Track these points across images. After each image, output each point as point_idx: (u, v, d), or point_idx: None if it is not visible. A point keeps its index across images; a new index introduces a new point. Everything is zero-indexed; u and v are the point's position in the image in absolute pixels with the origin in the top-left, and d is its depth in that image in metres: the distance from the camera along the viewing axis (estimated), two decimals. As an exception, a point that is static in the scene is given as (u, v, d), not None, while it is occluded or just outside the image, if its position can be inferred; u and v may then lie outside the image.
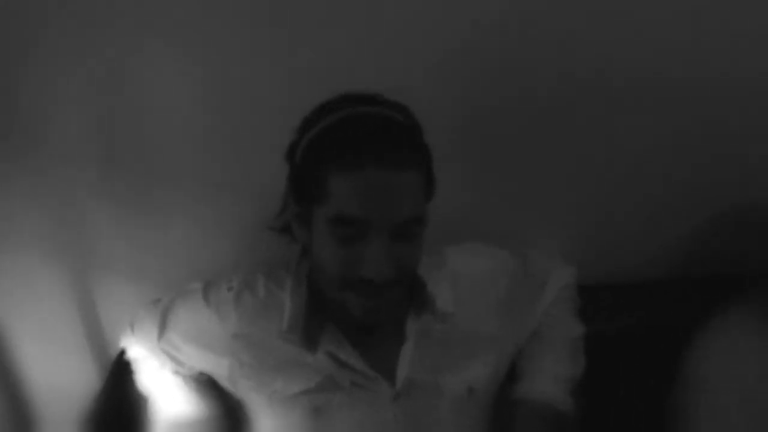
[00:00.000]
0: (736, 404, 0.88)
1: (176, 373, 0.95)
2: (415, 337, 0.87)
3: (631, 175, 1.15)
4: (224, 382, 0.92)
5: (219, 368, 0.90)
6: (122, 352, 1.00)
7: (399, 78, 0.94)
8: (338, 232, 0.76)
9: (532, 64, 1.04)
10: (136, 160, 1.05)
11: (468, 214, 1.12)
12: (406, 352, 0.87)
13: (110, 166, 1.05)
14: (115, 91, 1.00)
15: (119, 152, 1.04)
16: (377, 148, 0.74)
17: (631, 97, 1.08)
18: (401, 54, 1.01)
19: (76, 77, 0.99)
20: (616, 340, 1.09)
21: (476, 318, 0.91)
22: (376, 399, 0.86)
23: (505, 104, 1.07)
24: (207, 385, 0.95)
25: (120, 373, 1.00)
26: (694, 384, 0.92)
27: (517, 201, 1.15)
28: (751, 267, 1.08)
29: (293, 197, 0.82)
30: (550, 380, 0.94)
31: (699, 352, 0.93)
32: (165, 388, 0.94)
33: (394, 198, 0.75)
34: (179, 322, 0.92)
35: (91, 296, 1.12)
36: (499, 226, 1.11)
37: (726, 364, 0.90)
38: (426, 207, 0.80)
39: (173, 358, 0.93)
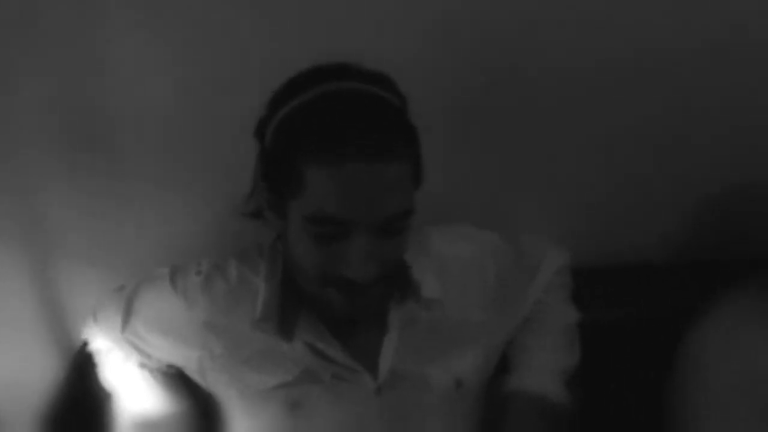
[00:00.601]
0: (737, 390, 0.85)
1: (142, 366, 0.88)
2: (399, 326, 0.81)
3: (628, 156, 1.12)
4: (194, 376, 0.85)
5: (188, 360, 0.84)
6: (84, 344, 0.93)
7: (387, 52, 0.87)
8: (316, 231, 0.68)
9: (528, 40, 1.00)
10: (100, 147, 1.00)
11: (458, 195, 1.08)
12: (390, 343, 0.81)
13: (74, 153, 1.00)
14: (79, 79, 0.95)
15: (83, 139, 0.99)
16: (359, 136, 0.65)
17: (629, 78, 1.05)
18: (391, 26, 0.96)
19: (42, 64, 0.94)
20: (613, 328, 1.05)
21: (464, 305, 0.85)
22: (357, 392, 0.80)
23: (497, 82, 1.03)
24: (175, 378, 0.88)
25: (82, 366, 0.93)
26: (694, 370, 0.89)
27: (510, 182, 1.12)
28: (751, 252, 1.05)
29: (265, 183, 0.74)
30: (544, 371, 0.88)
31: (698, 338, 0.91)
32: (130, 383, 0.88)
33: (379, 195, 0.67)
34: (145, 309, 0.85)
35: (54, 286, 1.05)
36: (490, 208, 1.07)
37: (726, 350, 0.88)
38: (414, 197, 0.72)
39: (139, 350, 0.86)
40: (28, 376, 0.98)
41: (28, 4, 0.90)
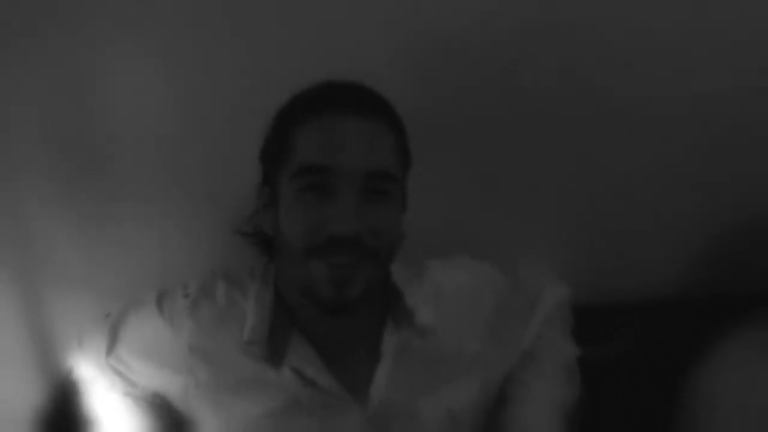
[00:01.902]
0: (748, 425, 0.83)
1: (126, 394, 0.85)
2: (393, 354, 0.79)
3: (629, 191, 1.11)
4: (178, 404, 0.83)
5: (172, 387, 0.81)
6: (69, 372, 0.90)
7: (379, 78, 0.87)
8: (302, 187, 0.69)
9: (525, 64, 1.01)
10: (93, 170, 1.00)
11: (456, 227, 1.07)
12: (382, 371, 0.78)
13: (67, 176, 1.00)
14: (74, 100, 0.96)
15: (75, 162, 0.99)
16: (344, 96, 0.71)
17: (630, 110, 1.05)
18: (381, 50, 0.97)
19: (36, 85, 0.95)
20: (613, 364, 1.03)
21: (460, 336, 0.83)
22: (347, 424, 0.77)
23: (495, 109, 1.03)
24: (161, 408, 0.85)
25: (66, 393, 0.90)
26: (702, 407, 0.87)
27: (509, 216, 1.11)
28: (754, 287, 1.04)
29: (262, 178, 0.76)
30: (543, 406, 0.85)
31: (706, 374, 0.89)
32: (114, 412, 0.85)
33: (361, 143, 0.69)
34: (130, 335, 0.83)
35: (43, 311, 1.03)
36: (489, 242, 1.05)
37: (735, 386, 0.86)
38: (401, 170, 0.75)
39: (123, 377, 0.84)
40: (17, 405, 0.96)
41: (23, 25, 0.91)
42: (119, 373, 0.84)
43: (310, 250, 0.70)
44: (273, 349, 0.76)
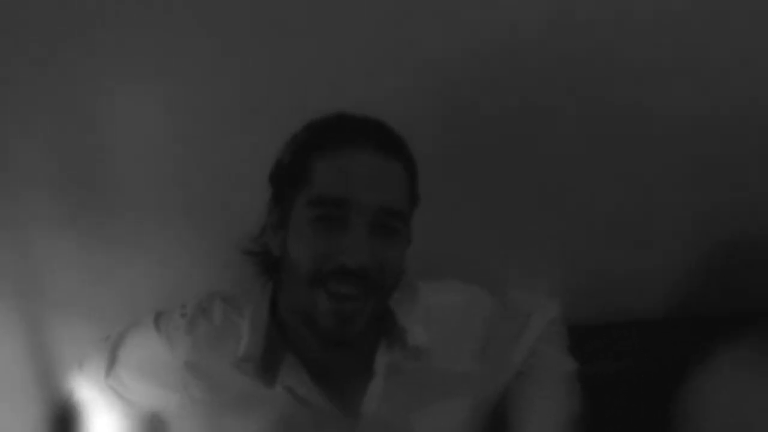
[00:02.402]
0: None
1: (126, 416, 0.86)
2: (385, 372, 0.80)
3: (621, 211, 1.12)
4: (175, 424, 0.84)
5: (168, 406, 0.83)
6: (69, 396, 0.92)
7: (377, 103, 0.90)
8: (318, 216, 0.72)
9: (516, 90, 1.03)
10: (95, 193, 1.01)
11: (451, 249, 1.08)
12: (375, 389, 0.79)
13: (69, 199, 1.01)
14: (76, 127, 0.98)
15: (76, 180, 1.00)
16: (364, 133, 0.74)
17: (622, 131, 1.07)
18: (381, 77, 1.00)
19: (36, 107, 0.96)
20: (608, 384, 1.04)
21: (451, 356, 0.85)
22: None
23: (487, 133, 1.05)
24: (159, 430, 0.86)
25: (66, 417, 0.91)
26: (691, 421, 0.89)
27: (505, 237, 1.12)
28: (746, 307, 1.05)
29: (273, 198, 0.79)
30: (546, 420, 0.87)
31: (694, 390, 0.91)
32: None
33: (377, 180, 0.73)
34: (128, 355, 0.85)
35: (44, 335, 1.04)
36: (481, 264, 1.06)
37: (722, 400, 0.88)
38: (410, 210, 0.78)
39: (121, 397, 0.86)
40: (14, 427, 0.97)
41: (28, 55, 0.94)
42: (118, 394, 0.85)
43: (317, 278, 0.72)
44: (266, 368, 0.78)
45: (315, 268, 0.72)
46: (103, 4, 0.92)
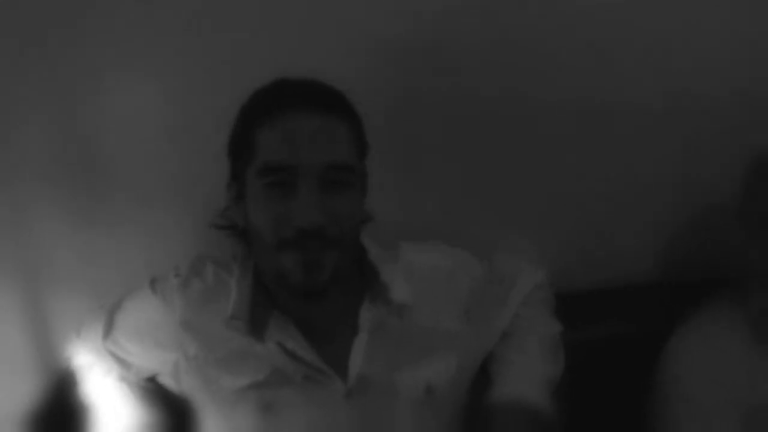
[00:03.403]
0: (714, 395, 0.87)
1: (122, 379, 0.90)
2: (369, 328, 0.83)
3: (609, 177, 1.14)
4: (170, 382, 0.87)
5: (164, 365, 0.86)
6: (68, 363, 0.95)
7: (359, 71, 0.95)
8: (267, 184, 0.74)
9: (502, 55, 1.05)
10: (88, 171, 1.04)
11: (438, 219, 1.10)
12: (359, 345, 0.82)
13: (64, 178, 1.04)
14: (69, 103, 1.00)
15: (72, 163, 1.04)
16: (300, 96, 0.75)
17: (611, 106, 1.09)
18: (362, 45, 1.02)
19: (31, 90, 0.99)
20: (596, 348, 1.04)
21: (435, 314, 0.87)
22: (328, 396, 0.81)
23: (474, 98, 1.06)
24: (154, 392, 0.89)
25: (64, 384, 0.94)
26: (672, 380, 0.91)
27: (489, 203, 1.14)
28: (719, 272, 1.04)
29: (230, 174, 0.81)
30: (528, 381, 0.87)
31: (675, 350, 0.93)
32: (109, 396, 0.89)
33: (318, 140, 0.74)
34: (125, 318, 0.88)
35: (42, 310, 1.07)
36: (468, 232, 1.08)
37: (701, 359, 0.90)
38: (359, 161, 0.79)
39: (119, 360, 0.89)
40: (17, 405, 0.98)
41: (27, 43, 0.97)
42: (115, 357, 0.89)
43: (280, 243, 0.75)
44: (255, 324, 0.81)
45: (276, 235, 0.75)
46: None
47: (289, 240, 0.74)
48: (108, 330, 0.88)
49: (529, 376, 0.88)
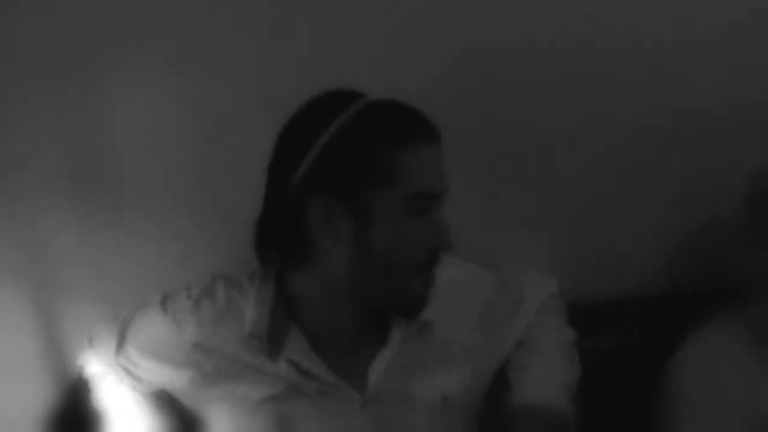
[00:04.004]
0: (718, 413, 0.88)
1: (134, 389, 0.90)
2: (398, 343, 0.84)
3: (614, 189, 1.15)
4: (185, 397, 0.88)
5: (179, 382, 0.86)
6: (81, 371, 0.95)
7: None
8: (415, 209, 0.77)
9: (515, 71, 1.06)
10: (100, 181, 1.05)
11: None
12: (383, 358, 0.83)
13: (78, 189, 1.05)
14: (81, 113, 1.01)
15: (87, 175, 1.04)
16: (424, 124, 0.78)
17: (615, 111, 1.10)
18: (388, 62, 1.03)
19: (46, 100, 1.00)
20: (601, 359, 1.04)
21: (453, 328, 0.88)
22: (343, 407, 0.82)
23: (485, 110, 1.08)
24: (165, 402, 0.90)
25: (77, 392, 0.95)
26: (677, 389, 0.92)
27: (493, 214, 1.14)
28: (733, 282, 1.05)
29: (341, 191, 0.76)
30: (548, 386, 0.89)
31: (680, 360, 0.94)
32: (122, 405, 0.90)
33: (444, 169, 0.80)
34: (137, 335, 0.89)
35: (55, 320, 1.07)
36: (477, 244, 1.05)
37: (705, 372, 0.91)
38: None
39: (131, 374, 0.89)
40: (29, 414, 0.99)
41: (39, 51, 0.97)
42: (127, 371, 0.89)
43: (418, 267, 0.79)
44: (272, 341, 0.82)
45: (417, 258, 0.78)
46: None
47: (425, 264, 0.79)
48: (120, 345, 0.89)
49: (549, 381, 0.89)
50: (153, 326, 0.88)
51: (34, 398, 1.00)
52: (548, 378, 0.90)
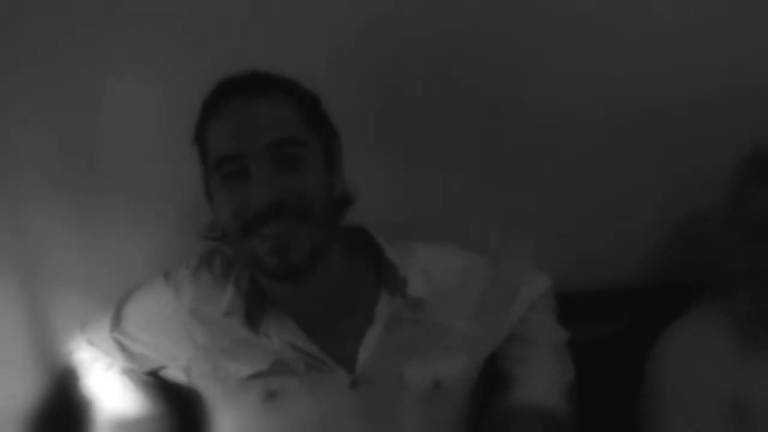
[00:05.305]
0: (700, 400, 0.90)
1: (125, 372, 0.90)
2: (385, 320, 0.84)
3: (600, 180, 1.16)
4: (178, 373, 0.88)
5: (173, 356, 0.87)
6: (68, 361, 0.95)
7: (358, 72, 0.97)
8: (222, 177, 0.76)
9: (498, 57, 1.06)
10: (89, 170, 1.05)
11: (435, 221, 1.11)
12: (372, 335, 0.83)
13: (63, 176, 1.05)
14: (69, 104, 1.02)
15: (72, 161, 1.05)
16: (237, 84, 0.77)
17: (603, 104, 1.11)
18: (361, 49, 1.03)
19: (32, 90, 1.01)
20: (586, 349, 1.03)
21: (448, 313, 0.88)
22: (332, 385, 0.82)
23: (474, 102, 1.08)
24: (154, 385, 0.91)
25: (66, 379, 0.95)
26: (660, 377, 0.93)
27: (482, 205, 1.15)
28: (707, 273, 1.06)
29: (203, 179, 0.82)
30: (544, 385, 0.89)
31: (663, 349, 0.96)
32: (111, 389, 0.90)
33: (260, 121, 0.75)
34: (135, 309, 0.90)
35: (42, 309, 1.07)
36: (470, 233, 1.10)
37: (687, 362, 0.93)
38: (310, 135, 0.79)
39: (125, 351, 0.90)
40: (15, 394, 0.99)
41: (28, 44, 0.98)
42: (122, 347, 0.90)
43: (244, 229, 0.76)
44: (251, 320, 0.83)
45: (238, 222, 0.76)
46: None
47: (251, 224, 0.75)
48: (116, 321, 0.89)
49: (545, 379, 0.90)
50: (152, 299, 0.90)
51: (20, 388, 1.00)
52: (546, 377, 0.90)
